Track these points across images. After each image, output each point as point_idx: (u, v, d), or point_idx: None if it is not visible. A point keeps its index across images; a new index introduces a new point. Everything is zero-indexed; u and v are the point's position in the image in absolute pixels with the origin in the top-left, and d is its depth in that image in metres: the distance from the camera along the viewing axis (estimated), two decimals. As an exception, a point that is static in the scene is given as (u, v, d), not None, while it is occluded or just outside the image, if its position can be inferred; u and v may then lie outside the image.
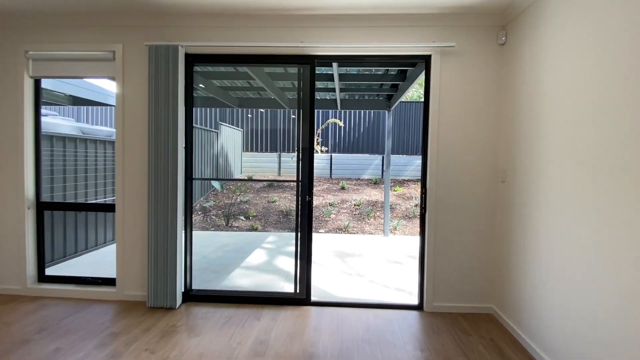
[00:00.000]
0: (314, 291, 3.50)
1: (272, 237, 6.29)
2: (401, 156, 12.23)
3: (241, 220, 7.65)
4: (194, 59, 3.11)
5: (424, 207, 3.03)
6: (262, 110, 13.39)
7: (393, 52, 2.97)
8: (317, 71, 4.79)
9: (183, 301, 3.14)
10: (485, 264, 3.01)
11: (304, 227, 3.15)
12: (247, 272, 4.24)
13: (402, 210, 8.54)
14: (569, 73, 2.06)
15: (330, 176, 12.26)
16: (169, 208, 2.96)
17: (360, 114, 12.38)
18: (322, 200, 9.16)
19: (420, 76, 4.13)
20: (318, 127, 12.19)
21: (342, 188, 10.36)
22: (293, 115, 12.24)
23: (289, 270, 4.30)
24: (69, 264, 4.29)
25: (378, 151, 12.39)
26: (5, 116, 3.17)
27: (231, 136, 11.33)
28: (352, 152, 12.40)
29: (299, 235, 3.16)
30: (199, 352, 2.33)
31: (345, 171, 12.26)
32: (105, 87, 7.26)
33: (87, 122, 12.63)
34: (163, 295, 3.00)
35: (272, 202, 8.89)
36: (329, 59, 3.06)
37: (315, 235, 6.52)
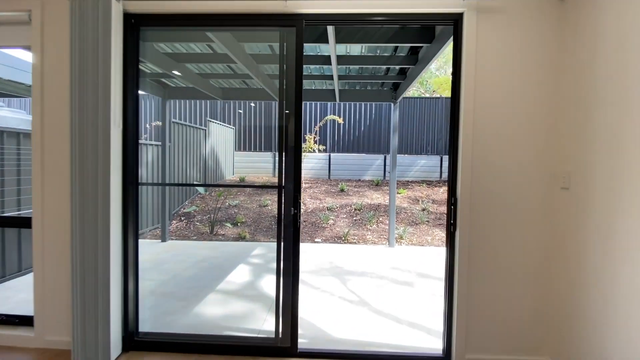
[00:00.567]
0: (305, 328, 2.68)
1: (260, 249, 5.46)
2: (404, 156, 11.42)
3: (227, 227, 6.83)
4: (139, 20, 2.28)
5: (452, 222, 2.21)
6: (252, 103, 12.55)
7: (409, 9, 2.15)
8: (311, 51, 3.98)
9: (124, 350, 2.31)
10: (539, 300, 2.18)
11: (288, 253, 2.31)
12: (224, 299, 3.41)
13: (408, 215, 7.72)
14: None
15: (329, 177, 11.43)
16: (99, 223, 2.12)
17: (361, 110, 11.55)
18: (320, 204, 8.34)
19: (435, 59, 3.31)
20: (315, 124, 11.35)
21: (342, 190, 9.55)
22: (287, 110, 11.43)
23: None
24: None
25: (380, 150, 11.57)
26: None
27: (222, 134, 10.51)
28: (353, 151, 11.57)
29: (281, 264, 2.33)
30: None
31: (344, 172, 11.43)
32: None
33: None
34: (93, 343, 2.16)
35: (264, 206, 8.07)
36: (322, 20, 2.24)
37: (310, 246, 5.69)
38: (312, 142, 9.77)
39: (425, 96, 16.81)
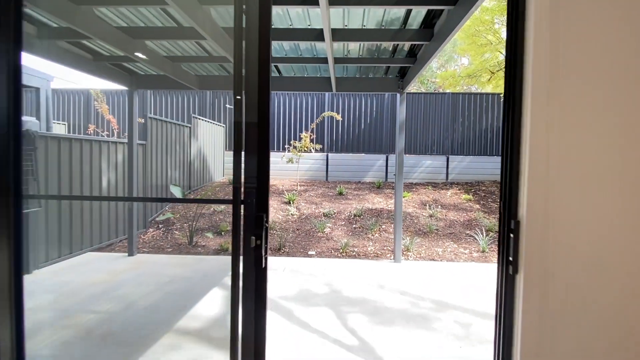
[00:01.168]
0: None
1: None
2: (408, 155, 10.60)
3: (209, 238, 5.99)
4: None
5: (512, 260, 1.37)
6: (238, 97, 11.70)
7: None
8: (299, 24, 3.15)
9: None
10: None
11: (248, 321, 1.48)
12: (181, 344, 2.58)
13: (414, 222, 6.89)
14: None
15: (327, 179, 10.60)
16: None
17: (361, 105, 10.72)
18: (315, 210, 7.51)
19: (458, 29, 2.48)
20: (312, 121, 10.51)
21: (340, 193, 8.72)
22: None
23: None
24: None
25: (382, 150, 10.74)
26: None
27: (210, 132, 9.68)
28: (352, 150, 10.74)
29: (238, 339, 1.50)
30: None
31: (343, 173, 10.61)
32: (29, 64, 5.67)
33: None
34: None
35: (254, 211, 7.24)
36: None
37: (302, 262, 4.86)
38: (308, 141, 8.94)
39: (430, 91, 15.89)
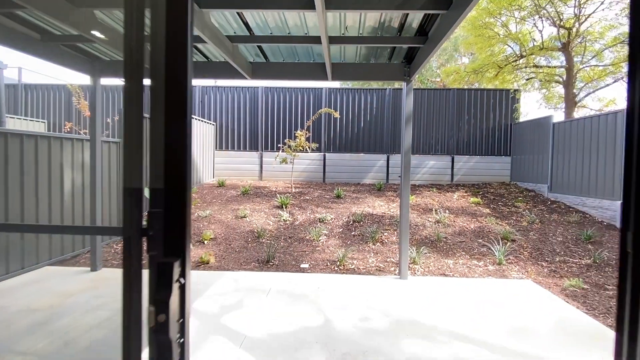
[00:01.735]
0: None
1: (223, 283, 3.94)
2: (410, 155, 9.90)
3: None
4: None
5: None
6: (215, 81, 11.05)
7: None
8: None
9: None
10: None
11: None
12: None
13: (419, 228, 6.21)
14: None
15: (324, 181, 9.93)
16: None
17: (360, 101, 10.04)
18: (310, 215, 6.83)
19: None
20: (307, 118, 9.83)
21: (338, 196, 8.04)
22: (274, 99, 9.79)
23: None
24: None
25: (382, 149, 10.06)
26: None
27: (198, 130, 8.99)
28: (351, 150, 10.06)
29: None
30: None
31: (341, 174, 9.94)
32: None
33: None
34: None
35: (242, 217, 6.55)
36: None
37: (293, 278, 4.17)
38: (304, 140, 8.26)
39: (434, 87, 15.12)
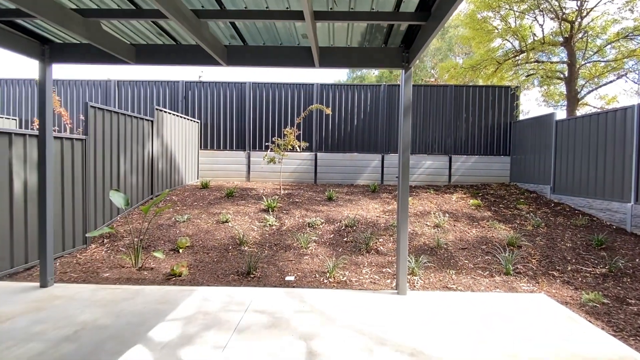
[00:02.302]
0: None
1: (185, 307, 3.37)
2: (406, 155, 9.41)
3: (157, 258, 4.72)
4: None
5: None
6: (200, 73, 10.44)
7: None
8: None
9: None
10: None
11: None
12: None
13: (418, 234, 5.71)
14: None
15: (315, 182, 9.40)
16: None
17: (354, 99, 9.53)
18: (299, 219, 6.29)
19: None
20: (297, 115, 9.29)
21: (329, 199, 7.52)
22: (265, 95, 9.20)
23: None
24: None
25: (377, 149, 9.56)
26: None
27: (181, 128, 8.40)
28: (343, 150, 9.55)
29: None
30: None
31: (334, 175, 9.42)
32: None
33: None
34: None
35: (224, 222, 5.99)
36: None
37: (274, 295, 3.63)
38: (293, 138, 7.72)
39: (430, 83, 14.49)
